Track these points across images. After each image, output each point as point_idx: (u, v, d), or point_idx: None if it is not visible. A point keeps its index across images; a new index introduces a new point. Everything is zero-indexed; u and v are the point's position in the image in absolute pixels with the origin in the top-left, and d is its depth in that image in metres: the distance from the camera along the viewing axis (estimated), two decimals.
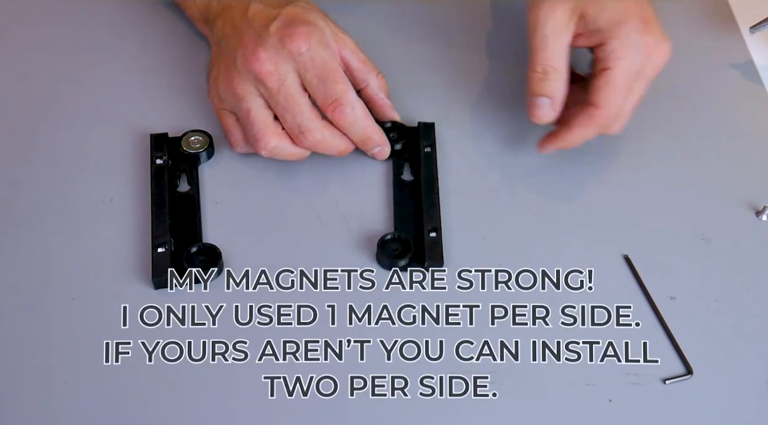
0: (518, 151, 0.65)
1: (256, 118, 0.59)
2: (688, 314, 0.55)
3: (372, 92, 0.63)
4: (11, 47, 0.71)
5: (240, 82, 0.59)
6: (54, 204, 0.60)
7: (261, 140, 0.59)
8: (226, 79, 0.60)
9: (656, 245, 0.59)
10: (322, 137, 0.59)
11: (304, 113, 0.58)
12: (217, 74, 0.61)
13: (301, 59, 0.58)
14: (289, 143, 0.59)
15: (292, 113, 0.58)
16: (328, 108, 0.58)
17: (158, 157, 0.61)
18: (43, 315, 0.53)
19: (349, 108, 0.58)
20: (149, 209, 0.59)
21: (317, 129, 0.58)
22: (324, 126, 0.59)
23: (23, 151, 0.63)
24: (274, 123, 0.59)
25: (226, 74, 0.60)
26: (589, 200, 0.62)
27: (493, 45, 0.75)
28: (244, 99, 0.59)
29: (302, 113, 0.58)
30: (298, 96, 0.58)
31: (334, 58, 0.59)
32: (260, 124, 0.58)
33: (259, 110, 0.59)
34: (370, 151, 0.62)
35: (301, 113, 0.58)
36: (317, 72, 0.58)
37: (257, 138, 0.59)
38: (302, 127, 0.58)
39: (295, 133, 0.58)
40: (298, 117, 0.58)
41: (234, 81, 0.59)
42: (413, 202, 0.61)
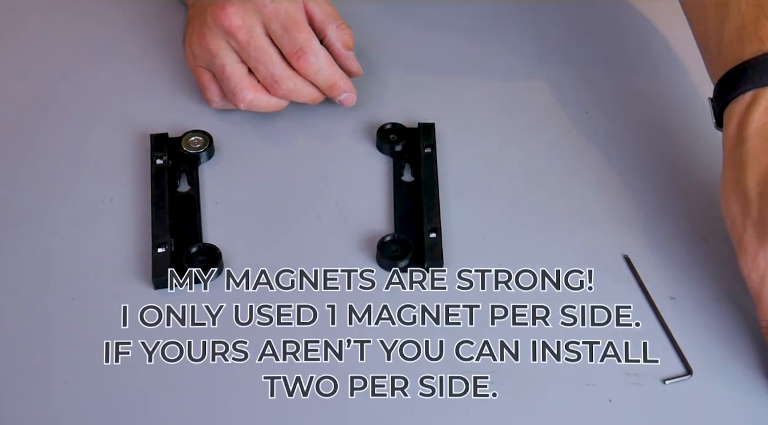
0: (518, 151, 0.65)
1: (232, 73, 0.61)
2: (688, 314, 0.55)
3: (328, 43, 0.64)
4: (11, 47, 0.71)
5: (212, 39, 0.61)
6: (54, 204, 0.60)
7: (238, 94, 0.61)
8: (198, 36, 0.62)
9: (656, 245, 0.59)
10: (294, 85, 0.61)
11: (275, 63, 0.61)
12: (191, 33, 0.63)
13: (266, 11, 0.60)
14: (264, 94, 0.62)
15: (264, 64, 0.61)
16: (293, 57, 0.61)
17: (158, 157, 0.61)
18: (43, 315, 0.53)
19: (313, 56, 0.61)
20: (149, 209, 0.59)
21: (289, 77, 0.61)
22: (295, 74, 0.62)
23: (23, 151, 0.63)
24: (249, 76, 0.62)
25: (199, 32, 0.62)
26: (589, 200, 0.62)
27: (495, 45, 0.75)
28: (217, 55, 0.61)
29: (273, 63, 0.61)
30: (268, 46, 0.61)
31: (297, 8, 0.61)
32: (236, 78, 0.61)
33: (234, 64, 0.61)
34: (337, 98, 0.63)
35: (273, 62, 0.61)
36: (281, 22, 0.60)
37: (234, 92, 0.61)
38: (275, 76, 0.61)
39: (269, 83, 0.61)
40: (270, 67, 0.61)
41: (206, 37, 0.61)
42: (413, 203, 0.61)
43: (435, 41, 0.74)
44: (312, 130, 0.66)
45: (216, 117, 0.65)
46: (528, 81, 0.72)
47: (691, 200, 0.62)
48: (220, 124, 0.65)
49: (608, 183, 0.63)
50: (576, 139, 0.66)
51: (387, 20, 0.76)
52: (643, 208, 0.61)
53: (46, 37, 0.71)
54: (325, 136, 0.66)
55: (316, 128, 0.66)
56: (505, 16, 0.77)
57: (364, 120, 0.66)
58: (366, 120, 0.66)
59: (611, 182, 0.63)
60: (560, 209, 0.61)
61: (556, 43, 0.75)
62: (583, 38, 0.76)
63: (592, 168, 0.64)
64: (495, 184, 0.63)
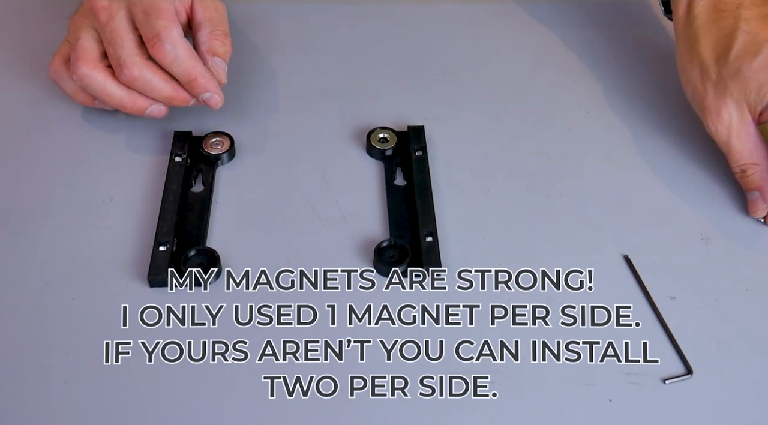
0: (518, 151, 0.65)
1: (81, 46, 0.60)
2: (688, 315, 0.55)
3: (196, 45, 0.62)
4: (14, 46, 0.71)
5: (81, 16, 0.62)
6: (55, 203, 0.60)
7: (74, 64, 0.60)
8: (74, 15, 0.62)
9: (656, 245, 0.59)
10: (139, 73, 0.59)
11: (125, 47, 0.59)
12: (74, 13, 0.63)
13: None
14: (102, 74, 0.60)
15: (114, 46, 0.59)
16: (149, 43, 0.59)
17: (178, 155, 0.61)
18: (43, 315, 0.53)
19: (169, 44, 0.58)
20: (156, 208, 0.59)
21: (135, 64, 0.59)
22: (145, 64, 0.59)
23: (23, 150, 0.63)
24: (97, 54, 0.60)
25: (77, 11, 0.62)
26: (589, 200, 0.62)
27: (493, 45, 0.75)
28: (78, 29, 0.61)
29: (123, 47, 0.59)
30: (124, 31, 0.59)
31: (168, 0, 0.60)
32: (81, 50, 0.60)
33: (87, 40, 0.60)
34: (199, 96, 0.61)
35: (122, 46, 0.59)
36: (143, 7, 0.59)
37: (73, 62, 0.60)
38: (121, 59, 0.59)
39: (115, 65, 0.60)
40: (119, 50, 0.59)
41: (77, 14, 0.62)
42: (407, 207, 0.60)
43: (427, 43, 0.74)
44: (305, 133, 0.66)
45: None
46: (527, 81, 0.72)
47: (691, 200, 0.62)
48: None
49: (608, 183, 0.63)
50: (576, 139, 0.66)
51: (377, 21, 0.76)
52: (644, 208, 0.61)
53: (48, 36, 0.72)
54: (316, 140, 0.66)
55: (311, 131, 0.66)
56: (504, 15, 0.77)
57: (354, 125, 0.66)
58: (355, 124, 0.66)
59: (611, 181, 0.63)
60: (560, 209, 0.61)
61: (556, 43, 0.75)
62: (582, 38, 0.76)
63: (592, 168, 0.64)
64: (495, 184, 0.63)
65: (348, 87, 0.70)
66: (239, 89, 0.69)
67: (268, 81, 0.70)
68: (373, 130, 0.65)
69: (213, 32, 0.62)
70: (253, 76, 0.70)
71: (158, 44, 0.58)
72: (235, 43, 0.64)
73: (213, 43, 0.62)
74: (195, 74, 0.60)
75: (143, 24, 0.59)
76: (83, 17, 0.61)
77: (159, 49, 0.58)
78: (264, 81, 0.70)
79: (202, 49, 0.62)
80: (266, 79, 0.70)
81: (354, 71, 0.72)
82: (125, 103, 0.61)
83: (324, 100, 0.69)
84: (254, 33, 0.75)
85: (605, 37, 0.77)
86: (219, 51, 0.62)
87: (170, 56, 0.59)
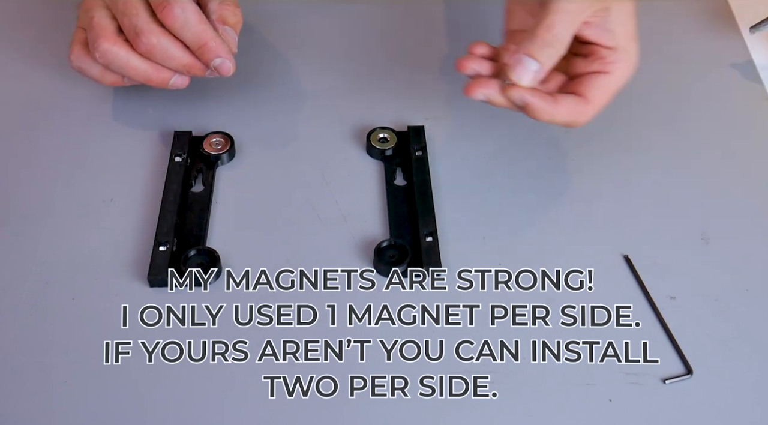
0: (518, 151, 0.65)
1: (98, 24, 0.59)
2: (688, 315, 0.55)
3: (207, 14, 0.60)
4: (16, 45, 0.71)
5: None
6: (55, 203, 0.60)
7: (94, 42, 0.59)
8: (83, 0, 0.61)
9: (656, 245, 0.59)
10: (157, 41, 0.58)
11: (139, 16, 0.58)
12: None
13: None
14: (124, 48, 0.59)
15: (129, 16, 0.58)
16: (158, 8, 0.58)
17: (178, 155, 0.61)
18: (43, 315, 0.53)
19: (179, 8, 0.57)
20: (156, 208, 0.59)
21: (152, 32, 0.58)
22: (162, 32, 0.58)
23: (23, 150, 0.63)
24: (114, 30, 0.59)
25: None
26: (589, 200, 0.62)
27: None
28: (90, 9, 0.60)
29: (138, 15, 0.58)
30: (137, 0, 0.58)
31: None
32: (98, 28, 0.59)
33: (102, 18, 0.59)
34: (210, 62, 0.59)
35: (137, 15, 0.58)
36: None
37: (92, 41, 0.59)
38: (137, 28, 0.58)
39: (132, 36, 0.58)
40: (134, 19, 0.58)
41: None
42: (407, 207, 0.60)
43: (431, 42, 0.74)
44: (305, 133, 0.66)
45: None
46: None
47: (691, 200, 0.62)
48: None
49: (608, 183, 0.63)
50: (576, 139, 0.66)
51: (376, 21, 0.76)
52: (643, 208, 0.61)
53: (49, 35, 0.72)
54: (316, 140, 0.66)
55: (311, 131, 0.66)
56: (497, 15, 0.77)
57: (354, 125, 0.66)
58: (355, 124, 0.66)
59: (611, 182, 0.63)
60: (560, 209, 0.61)
61: None
62: None
63: (592, 168, 0.64)
64: (495, 184, 0.63)
65: (348, 87, 0.70)
66: (239, 89, 0.69)
67: (268, 81, 0.70)
68: (373, 130, 0.65)
69: (223, 2, 0.61)
70: (253, 76, 0.70)
71: (167, 8, 0.57)
72: None
73: (224, 12, 0.61)
74: (206, 38, 0.58)
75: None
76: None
77: (168, 13, 0.57)
78: (264, 81, 0.70)
79: (213, 17, 0.60)
80: (266, 79, 0.70)
81: (354, 71, 0.72)
82: (150, 75, 0.60)
83: (324, 100, 0.69)
84: (254, 33, 0.75)
85: None
86: (230, 20, 0.61)
87: (180, 20, 0.57)
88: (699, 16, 0.78)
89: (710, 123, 0.68)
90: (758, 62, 0.73)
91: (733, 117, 0.69)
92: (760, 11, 0.76)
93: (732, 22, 0.77)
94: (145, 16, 0.58)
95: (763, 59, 0.74)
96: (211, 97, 0.68)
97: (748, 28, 0.74)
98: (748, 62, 0.73)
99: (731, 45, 0.75)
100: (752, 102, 0.70)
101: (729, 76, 0.72)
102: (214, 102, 0.68)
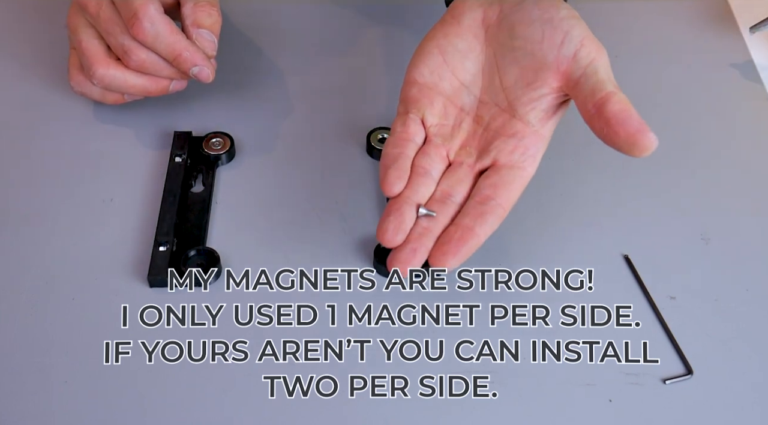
0: None
1: (87, 48, 0.59)
2: (688, 314, 0.55)
3: (181, 19, 0.60)
4: (16, 44, 0.71)
5: (73, 16, 0.60)
6: (55, 203, 0.60)
7: (90, 69, 0.59)
8: (68, 17, 0.61)
9: (656, 245, 0.59)
10: (146, 56, 0.58)
11: (124, 33, 0.58)
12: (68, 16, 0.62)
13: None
14: (119, 69, 0.59)
15: (113, 34, 0.58)
16: (128, 24, 0.57)
17: (178, 155, 0.61)
18: (43, 315, 0.53)
19: (147, 23, 0.56)
20: (155, 208, 0.59)
21: (140, 47, 0.58)
22: None
23: (24, 150, 0.63)
24: (105, 52, 0.59)
25: (69, 12, 0.61)
26: (589, 200, 0.62)
27: None
28: (76, 31, 0.60)
29: (122, 34, 0.57)
30: (117, 17, 0.58)
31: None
32: (89, 53, 0.59)
33: (89, 40, 0.59)
34: (189, 71, 0.59)
35: (121, 33, 0.57)
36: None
37: (87, 67, 0.59)
38: (124, 47, 0.57)
39: (120, 54, 0.58)
40: (120, 37, 0.58)
41: (70, 17, 0.60)
42: None
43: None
44: (305, 133, 0.66)
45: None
46: None
47: (691, 200, 0.62)
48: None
49: (608, 183, 0.63)
50: (576, 139, 0.66)
51: (377, 22, 0.76)
52: (643, 208, 0.61)
53: (48, 35, 0.72)
54: (316, 140, 0.66)
55: (311, 131, 0.66)
56: None
57: (354, 124, 0.66)
58: (355, 124, 0.66)
59: (611, 182, 0.63)
60: (560, 209, 0.61)
61: None
62: None
63: (592, 168, 0.64)
64: None
65: (348, 87, 0.70)
66: (239, 89, 0.69)
67: (268, 81, 0.70)
68: (373, 130, 0.65)
69: (198, 4, 0.60)
70: (253, 75, 0.70)
71: (137, 24, 0.56)
72: (234, 42, 0.64)
73: (198, 14, 0.59)
74: (179, 49, 0.58)
75: (121, 6, 0.57)
76: (76, 16, 0.60)
77: (138, 29, 0.56)
78: (264, 81, 0.70)
79: (187, 22, 0.59)
80: (266, 79, 0.70)
81: (354, 71, 0.72)
82: (149, 88, 0.60)
83: (324, 100, 0.69)
84: (254, 32, 0.75)
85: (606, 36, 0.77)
86: (205, 23, 0.60)
87: (150, 35, 0.57)
88: (699, 16, 0.78)
89: (710, 123, 0.68)
90: (758, 62, 0.73)
91: (733, 117, 0.69)
92: (760, 11, 0.76)
93: (732, 22, 0.77)
94: (129, 33, 0.58)
95: (763, 59, 0.74)
96: (211, 97, 0.68)
97: (748, 29, 0.74)
98: (748, 62, 0.73)
99: (731, 45, 0.75)
100: (752, 102, 0.70)
101: (729, 76, 0.72)
102: (214, 102, 0.68)
